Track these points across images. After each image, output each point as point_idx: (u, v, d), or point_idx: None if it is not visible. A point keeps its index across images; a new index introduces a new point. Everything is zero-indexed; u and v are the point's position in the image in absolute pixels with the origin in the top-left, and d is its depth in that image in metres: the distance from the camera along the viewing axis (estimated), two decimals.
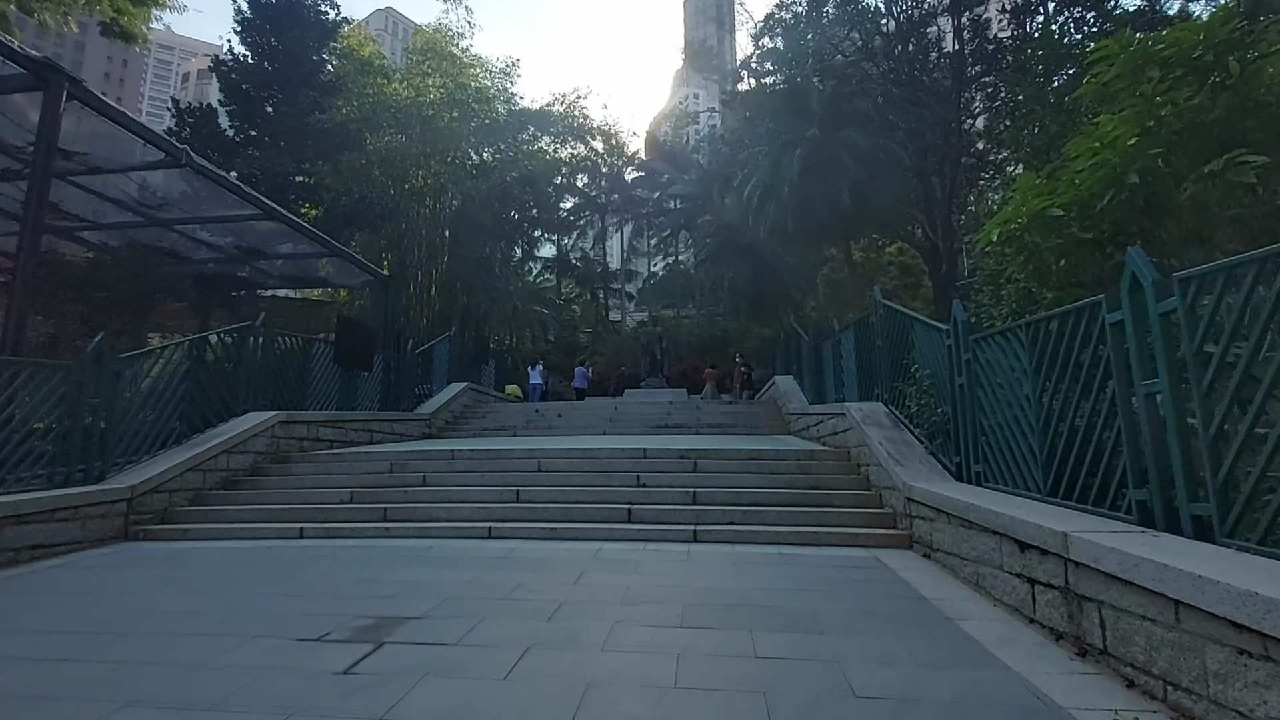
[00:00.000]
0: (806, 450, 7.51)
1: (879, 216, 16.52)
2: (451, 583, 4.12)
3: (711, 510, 5.92)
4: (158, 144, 9.86)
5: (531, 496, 6.47)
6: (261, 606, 3.68)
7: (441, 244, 28.87)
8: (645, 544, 5.36)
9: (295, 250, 15.43)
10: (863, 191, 14.14)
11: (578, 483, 6.81)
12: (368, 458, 7.99)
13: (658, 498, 6.31)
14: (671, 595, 3.80)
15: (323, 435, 9.25)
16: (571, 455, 7.65)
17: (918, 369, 6.15)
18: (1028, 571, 3.37)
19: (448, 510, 6.16)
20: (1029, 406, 4.13)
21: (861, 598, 3.80)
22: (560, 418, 13.64)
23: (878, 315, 7.61)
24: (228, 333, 8.36)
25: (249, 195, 11.69)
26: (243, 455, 7.65)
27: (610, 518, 5.94)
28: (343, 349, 10.41)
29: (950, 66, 16.59)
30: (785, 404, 12.86)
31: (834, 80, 15.03)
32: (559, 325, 33.76)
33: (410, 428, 12.10)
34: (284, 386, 9.19)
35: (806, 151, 14.70)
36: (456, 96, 27.60)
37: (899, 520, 5.51)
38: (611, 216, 40.83)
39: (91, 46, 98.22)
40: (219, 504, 6.80)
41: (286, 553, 5.29)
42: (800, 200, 14.42)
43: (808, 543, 5.32)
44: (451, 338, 15.93)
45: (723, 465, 7.16)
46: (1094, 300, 3.44)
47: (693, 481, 6.67)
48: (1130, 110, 4.92)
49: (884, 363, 7.41)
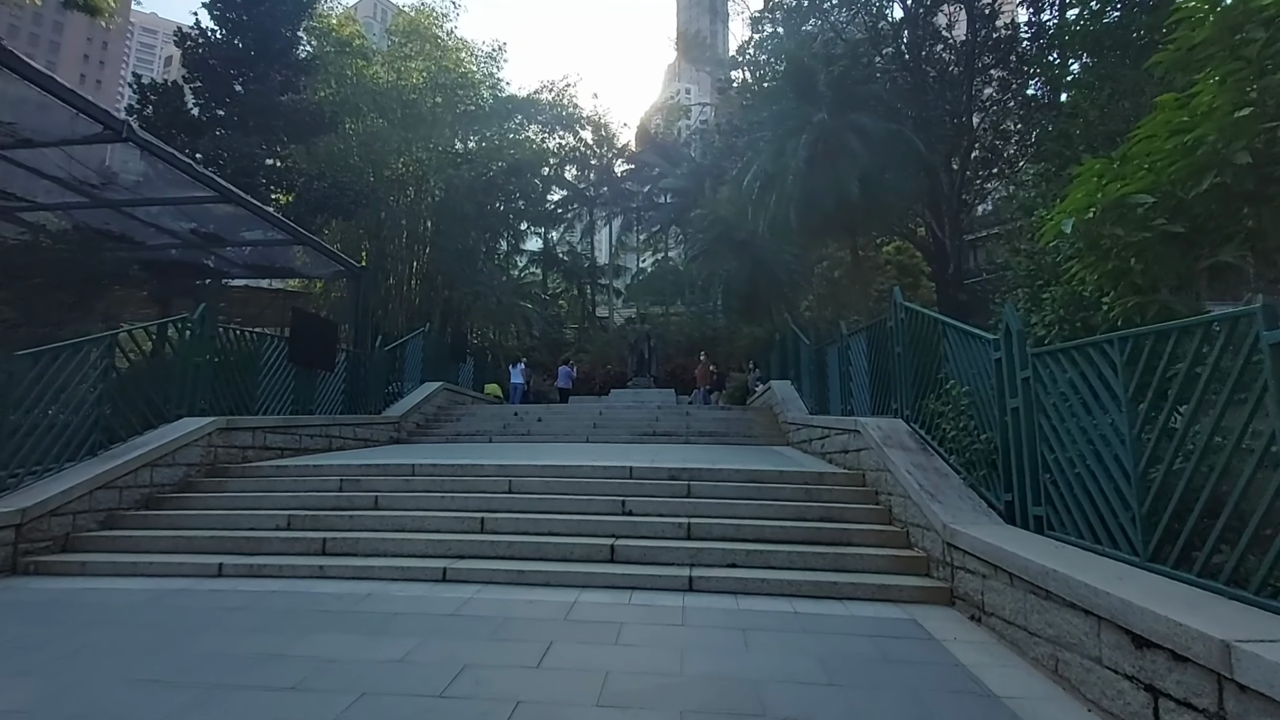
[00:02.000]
0: (814, 472, 6.62)
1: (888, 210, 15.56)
2: (377, 664, 3.18)
3: (709, 549, 5.01)
4: (92, 113, 8.76)
5: (499, 526, 5.53)
6: (107, 709, 2.72)
7: (423, 235, 27.79)
8: (631, 593, 4.44)
9: (261, 238, 14.37)
10: (872, 182, 13.15)
11: (553, 508, 5.88)
12: (316, 472, 7.01)
13: (646, 530, 5.40)
14: (664, 692, 2.88)
15: (272, 443, 8.25)
16: (548, 473, 6.71)
17: (953, 385, 5.27)
18: (1149, 678, 2.49)
19: (398, 543, 5.21)
20: (1121, 443, 3.25)
21: (913, 695, 2.90)
22: (540, 422, 12.69)
23: (897, 319, 6.74)
24: (158, 326, 7.32)
25: (202, 175, 10.63)
26: (170, 468, 6.65)
27: (590, 555, 5.02)
28: (299, 346, 9.39)
29: (960, 53, 15.69)
30: (783, 412, 11.99)
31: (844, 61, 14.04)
32: (544, 321, 32.71)
33: (377, 431, 11.10)
34: (228, 387, 8.18)
35: (813, 137, 13.64)
36: (440, 81, 26.52)
37: (934, 567, 4.63)
38: (600, 210, 39.79)
39: (70, 28, 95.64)
40: (135, 528, 5.81)
41: (192, 600, 4.32)
42: (805, 191, 13.38)
43: (826, 594, 4.42)
44: (427, 333, 14.90)
45: (719, 489, 6.25)
46: (1242, 312, 2.56)
47: (686, 509, 5.76)
48: (1226, 78, 4.06)
49: (905, 374, 6.54)
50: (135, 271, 14.99)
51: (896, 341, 6.75)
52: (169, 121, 17.83)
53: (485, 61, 29.77)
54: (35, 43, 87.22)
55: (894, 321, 6.87)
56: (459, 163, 27.24)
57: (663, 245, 41.27)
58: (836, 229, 14.48)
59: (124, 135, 9.11)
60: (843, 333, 9.09)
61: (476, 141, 29.47)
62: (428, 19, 28.11)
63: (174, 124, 17.84)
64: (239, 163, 17.36)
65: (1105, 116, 8.12)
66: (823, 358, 10.46)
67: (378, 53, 28.24)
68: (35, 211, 12.14)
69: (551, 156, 33.23)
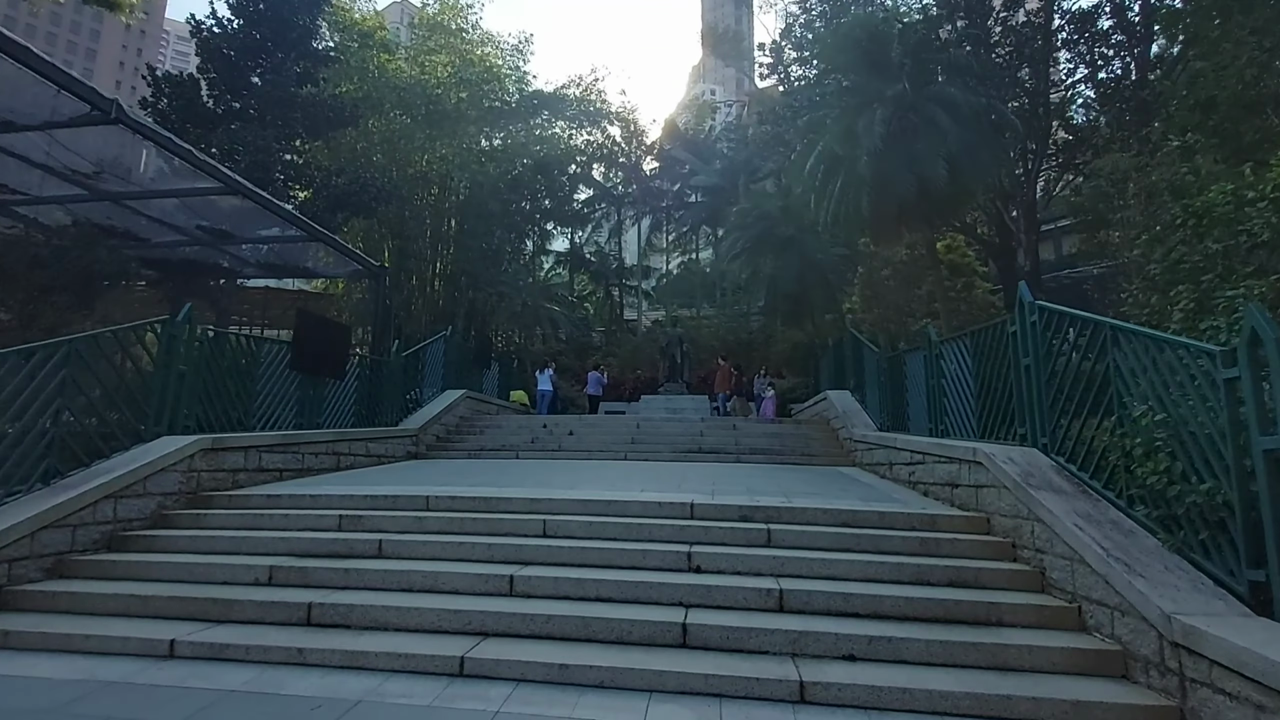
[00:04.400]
0: (923, 515, 5.29)
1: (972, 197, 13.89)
2: None
3: (814, 630, 3.72)
4: (76, 91, 7.79)
5: (533, 586, 4.31)
6: None
7: (447, 234, 26.87)
8: (720, 704, 3.19)
9: (274, 234, 13.43)
10: (960, 163, 11.62)
11: (599, 560, 4.65)
12: (313, 503, 5.86)
13: (723, 597, 4.13)
14: None
15: (269, 463, 7.13)
16: (590, 510, 5.48)
17: (1143, 412, 3.92)
18: None
19: (403, 613, 4.00)
20: None
21: None
22: (572, 436, 11.49)
23: (1026, 323, 5.39)
24: (133, 329, 6.22)
25: (204, 164, 9.64)
26: (140, 500, 5.54)
27: (654, 637, 3.77)
28: (304, 351, 8.29)
29: (1037, 28, 14.08)
30: (845, 427, 10.62)
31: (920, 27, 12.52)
32: (571, 323, 31.57)
33: (393, 446, 9.99)
34: (220, 400, 7.09)
35: (891, 113, 12.17)
36: (464, 75, 25.54)
37: (1141, 670, 3.29)
38: (629, 209, 38.56)
39: (108, 34, 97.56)
40: (88, 577, 4.71)
41: (124, 702, 3.17)
42: (878, 174, 11.89)
43: (995, 714, 3.12)
44: (449, 336, 13.80)
45: (807, 535, 4.95)
46: None
47: (771, 566, 4.49)
48: None
49: (1038, 391, 5.19)
50: (144, 270, 14.16)
51: (1024, 350, 5.41)
52: (183, 115, 17.04)
53: (511, 55, 28.77)
54: (73, 50, 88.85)
55: (1019, 326, 5.53)
56: (484, 160, 26.24)
57: (693, 246, 39.90)
58: (914, 218, 12.94)
59: (113, 115, 8.14)
60: (931, 338, 7.73)
61: (502, 138, 28.46)
62: (451, 12, 27.17)
63: (189, 118, 17.04)
64: (255, 156, 16.48)
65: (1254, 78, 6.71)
66: (899, 367, 9.10)
67: (401, 46, 27.41)
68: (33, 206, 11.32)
69: (579, 154, 32.07)
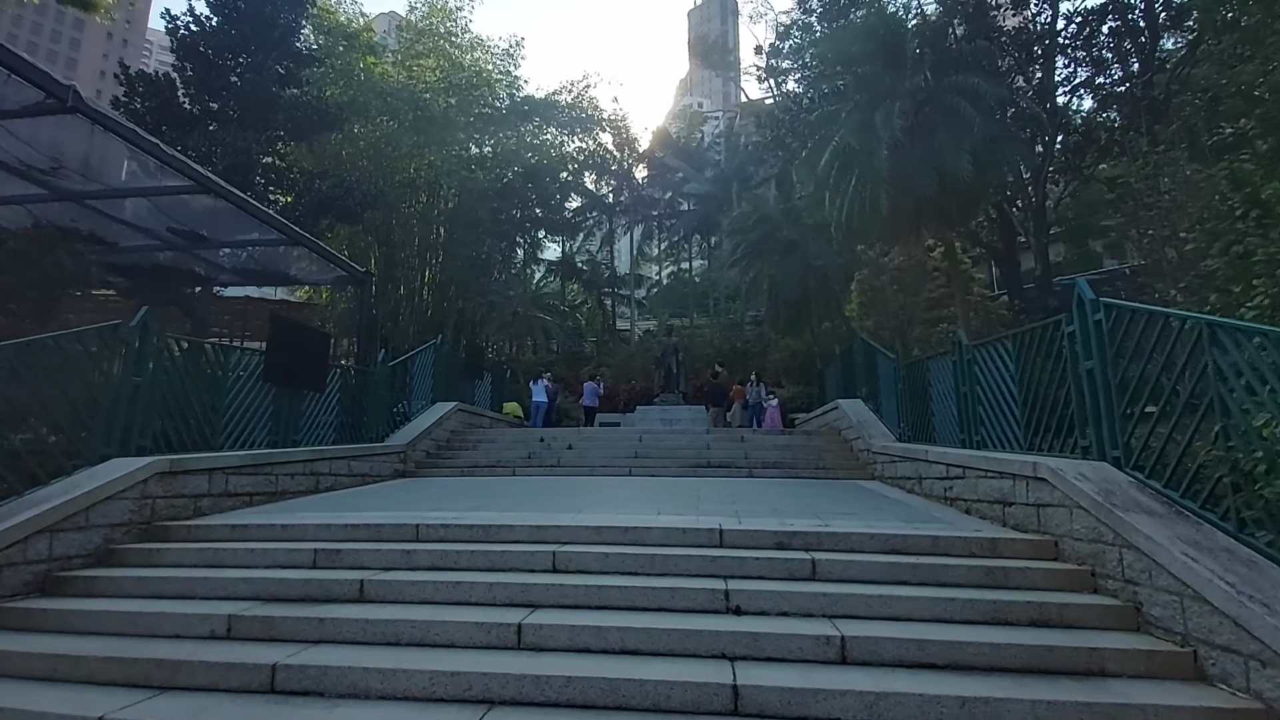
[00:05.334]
0: (981, 539, 4.66)
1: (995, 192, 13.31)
2: None
3: (894, 694, 3.05)
4: (27, 75, 7.08)
5: (544, 637, 3.62)
6: None
7: (435, 242, 26.16)
8: None
9: (252, 238, 12.68)
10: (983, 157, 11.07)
11: (620, 601, 3.97)
12: (284, 534, 5.14)
13: (773, 647, 3.46)
14: None
15: (237, 487, 6.40)
16: (604, 538, 4.81)
17: (1269, 421, 3.32)
18: None
19: (386, 677, 3.29)
20: None
21: None
22: (571, 450, 10.80)
23: (1089, 322, 4.80)
24: (76, 336, 5.48)
25: (172, 159, 8.93)
26: (81, 533, 4.80)
27: (699, 704, 3.09)
28: (279, 361, 7.56)
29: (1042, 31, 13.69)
30: (861, 438, 10.00)
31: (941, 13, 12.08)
32: (563, 333, 30.87)
33: (378, 464, 9.26)
34: (182, 415, 6.36)
35: (909, 105, 11.64)
36: (454, 80, 24.95)
37: None
38: (620, 217, 38.01)
39: (89, 42, 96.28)
40: (9, 630, 3.97)
41: None
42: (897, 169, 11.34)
43: None
44: (439, 346, 13.09)
45: (855, 566, 4.30)
46: None
47: (822, 605, 3.84)
48: None
49: (1104, 397, 4.61)
50: (113, 277, 13.37)
51: (1086, 353, 4.82)
52: (159, 116, 16.29)
53: (502, 59, 28.20)
54: (53, 59, 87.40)
55: (1077, 326, 4.94)
56: (474, 166, 25.60)
57: (686, 255, 39.42)
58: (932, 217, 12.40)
59: (70, 103, 7.45)
60: (962, 342, 7.15)
61: (492, 145, 27.83)
62: (439, 15, 26.57)
63: (164, 119, 16.29)
64: (234, 159, 15.76)
65: None
66: (920, 375, 8.52)
67: (388, 50, 26.77)
68: None
69: (570, 161, 31.50)
